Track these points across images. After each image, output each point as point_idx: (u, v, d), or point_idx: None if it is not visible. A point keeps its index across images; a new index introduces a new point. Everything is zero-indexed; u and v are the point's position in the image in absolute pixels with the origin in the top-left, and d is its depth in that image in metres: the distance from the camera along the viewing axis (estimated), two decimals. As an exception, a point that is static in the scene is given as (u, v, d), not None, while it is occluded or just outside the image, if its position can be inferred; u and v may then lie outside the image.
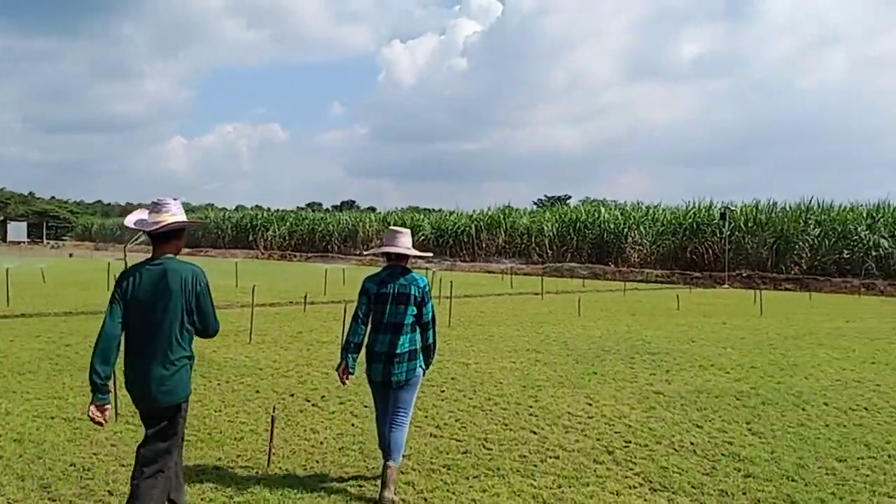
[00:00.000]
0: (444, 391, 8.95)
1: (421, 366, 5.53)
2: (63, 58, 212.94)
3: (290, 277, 32.38)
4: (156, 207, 4.40)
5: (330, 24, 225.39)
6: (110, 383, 4.37)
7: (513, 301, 22.92)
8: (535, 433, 7.08)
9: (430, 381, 9.39)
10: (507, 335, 14.19)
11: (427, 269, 36.62)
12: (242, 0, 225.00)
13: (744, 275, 36.06)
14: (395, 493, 5.21)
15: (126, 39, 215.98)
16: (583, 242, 45.72)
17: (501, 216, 51.45)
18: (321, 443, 6.70)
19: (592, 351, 12.36)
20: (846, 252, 36.08)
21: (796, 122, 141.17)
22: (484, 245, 50.63)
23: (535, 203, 78.90)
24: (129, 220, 4.55)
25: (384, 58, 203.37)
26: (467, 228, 51.99)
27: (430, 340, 5.56)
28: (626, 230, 43.83)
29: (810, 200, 39.92)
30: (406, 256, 5.59)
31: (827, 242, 36.57)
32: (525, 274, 39.89)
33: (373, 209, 76.95)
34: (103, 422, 4.31)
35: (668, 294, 27.63)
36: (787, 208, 40.04)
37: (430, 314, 5.51)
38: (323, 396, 8.52)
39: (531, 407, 8.15)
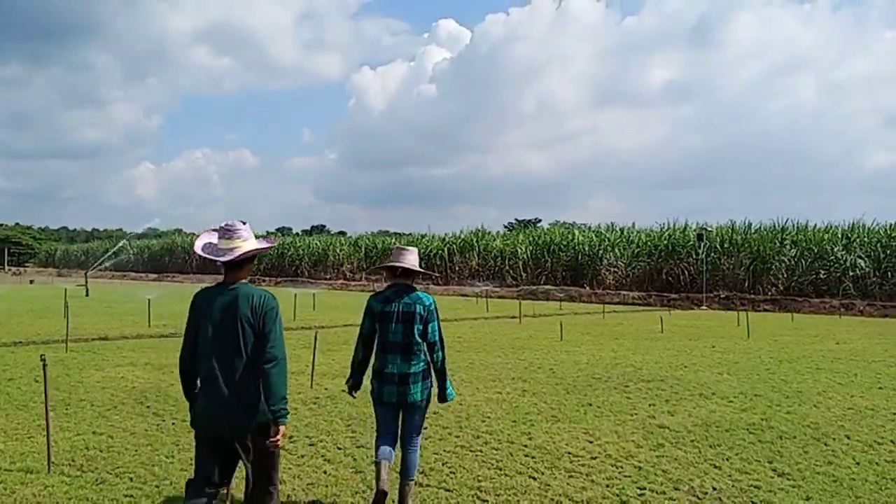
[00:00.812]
0: (426, 428, 8.03)
1: (432, 385, 5.48)
2: (30, 85, 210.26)
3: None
4: (226, 233, 4.34)
5: (300, 52, 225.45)
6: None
7: (490, 325, 22.06)
8: (534, 479, 6.20)
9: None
10: (489, 362, 13.32)
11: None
12: (213, 27, 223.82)
13: (722, 296, 35.52)
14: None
15: (95, 66, 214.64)
16: (557, 265, 45.03)
17: (474, 239, 50.71)
18: (289, 496, 5.76)
19: (582, 379, 11.52)
20: (822, 272, 35.67)
21: (764, 146, 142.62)
22: (457, 268, 49.75)
23: (506, 226, 78.31)
24: (198, 246, 4.45)
25: (354, 84, 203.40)
26: (440, 251, 51.13)
27: (439, 361, 5.45)
28: (600, 252, 43.20)
29: (785, 221, 39.64)
30: (412, 275, 5.51)
31: (803, 263, 36.16)
32: (500, 297, 39.06)
33: (343, 233, 75.84)
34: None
35: (647, 316, 26.96)
36: (763, 229, 39.68)
37: (437, 334, 5.43)
38: (291, 437, 7.57)
39: (526, 446, 7.26)
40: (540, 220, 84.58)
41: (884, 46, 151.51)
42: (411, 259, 5.52)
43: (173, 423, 8.10)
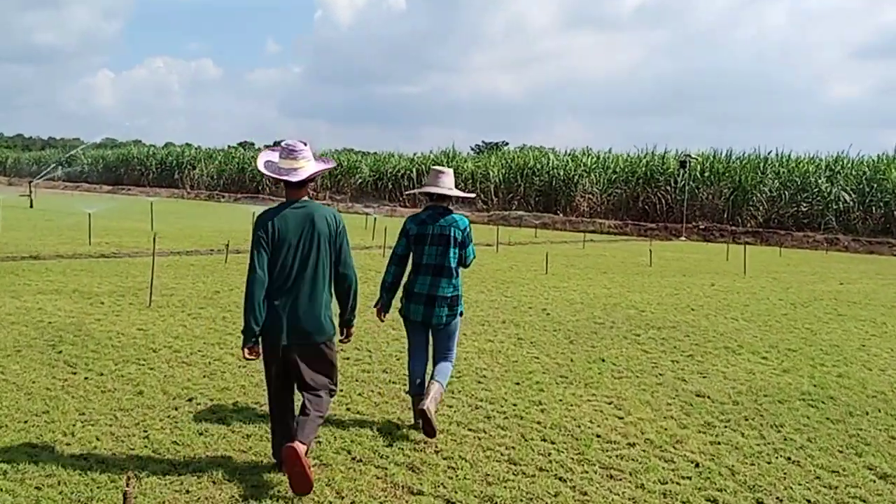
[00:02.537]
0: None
1: (462, 312, 5.50)
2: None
3: (215, 220, 29.21)
4: (289, 154, 4.41)
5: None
6: None
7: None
8: (563, 480, 4.57)
9: (393, 376, 6.85)
10: (472, 299, 11.67)
11: (366, 214, 33.85)
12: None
13: (701, 227, 34.20)
14: (436, 407, 5.22)
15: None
16: (530, 190, 43.25)
17: (444, 160, 48.62)
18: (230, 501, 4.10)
19: (582, 324, 9.94)
20: (805, 205, 34.45)
21: (731, 76, 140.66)
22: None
23: (473, 149, 76.06)
24: (260, 164, 4.49)
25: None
26: (408, 172, 49.10)
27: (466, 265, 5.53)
28: (576, 177, 41.46)
29: (768, 151, 38.20)
30: (448, 197, 5.47)
31: (786, 195, 34.87)
32: (471, 221, 37.21)
33: (307, 150, 72.95)
34: (254, 359, 4.38)
35: (629, 247, 25.51)
36: (744, 158, 38.20)
37: (472, 256, 5.51)
38: (235, 403, 5.88)
39: (540, 424, 5.64)
40: (507, 144, 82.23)
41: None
42: (447, 182, 5.45)
43: (86, 379, 6.35)
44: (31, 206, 32.52)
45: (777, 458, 5.10)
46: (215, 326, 8.71)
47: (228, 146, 76.33)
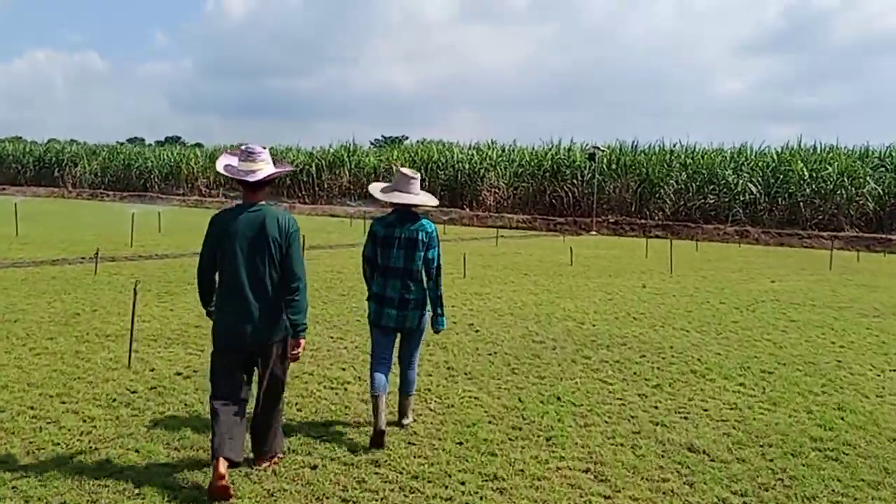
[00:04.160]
0: (329, 428, 4.74)
1: (429, 311, 5.46)
2: None
3: (94, 222, 26.56)
4: (247, 156, 4.51)
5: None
6: None
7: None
8: None
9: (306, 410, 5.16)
10: (386, 313, 10.04)
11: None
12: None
13: (611, 220, 33.41)
14: (413, 418, 5.49)
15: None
16: (435, 184, 41.64)
17: (345, 154, 46.52)
18: None
19: (519, 343, 8.44)
20: (711, 197, 34.10)
21: (623, 69, 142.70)
22: (326, 186, 45.68)
23: (372, 143, 73.94)
24: (219, 165, 4.59)
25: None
26: (307, 167, 46.84)
27: (437, 288, 5.42)
28: (481, 171, 40.21)
29: (674, 143, 37.81)
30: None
31: (693, 187, 34.44)
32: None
33: (200, 146, 69.38)
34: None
35: (544, 243, 24.31)
36: (650, 150, 37.70)
37: (437, 260, 5.42)
38: (72, 490, 4.09)
39: (502, 515, 4.06)
40: (407, 138, 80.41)
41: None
42: (417, 189, 5.43)
43: None
44: None
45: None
46: (62, 367, 6.79)
47: (117, 142, 72.17)
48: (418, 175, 5.56)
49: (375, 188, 5.63)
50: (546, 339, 8.67)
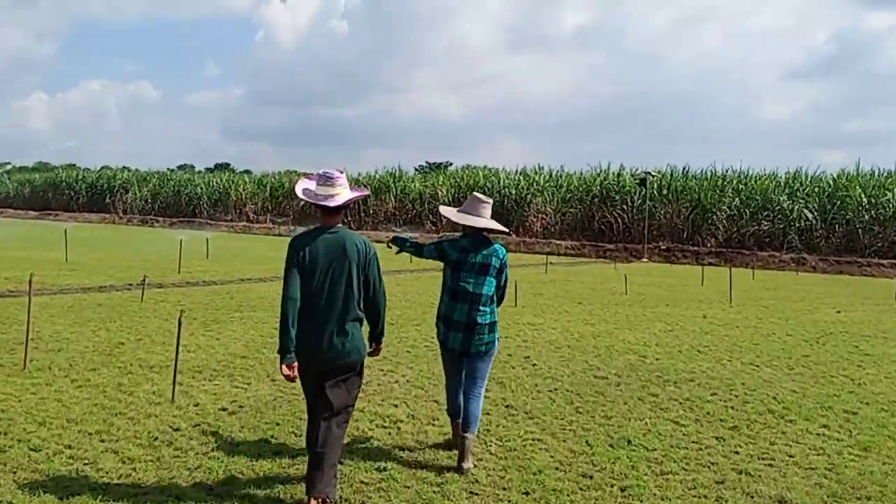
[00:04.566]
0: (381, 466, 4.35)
1: (498, 338, 5.47)
2: None
3: (142, 248, 26.66)
4: (325, 181, 4.54)
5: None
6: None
7: (420, 281, 18.27)
8: None
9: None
10: (434, 343, 9.67)
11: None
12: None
13: (662, 247, 32.69)
14: (473, 463, 5.14)
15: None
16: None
17: (391, 180, 46.47)
18: None
19: (580, 379, 7.98)
20: (766, 223, 33.21)
21: (668, 95, 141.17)
22: (371, 212, 45.62)
23: (417, 169, 73.94)
24: (298, 189, 4.68)
25: (263, 17, 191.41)
26: (353, 193, 46.79)
27: (499, 302, 5.48)
28: (528, 196, 39.76)
29: (726, 168, 37.04)
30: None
31: (747, 213, 33.59)
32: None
33: (248, 172, 69.83)
34: (295, 376, 4.44)
35: (594, 271, 23.78)
36: (703, 176, 36.94)
37: (505, 283, 5.47)
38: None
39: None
40: (451, 164, 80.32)
41: (787, 1, 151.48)
42: (488, 214, 5.44)
43: None
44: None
45: None
46: (103, 401, 6.50)
47: (168, 169, 73.11)
48: (491, 200, 5.54)
49: (448, 211, 5.66)
50: (608, 375, 8.19)
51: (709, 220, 34.33)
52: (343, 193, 4.53)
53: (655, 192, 35.41)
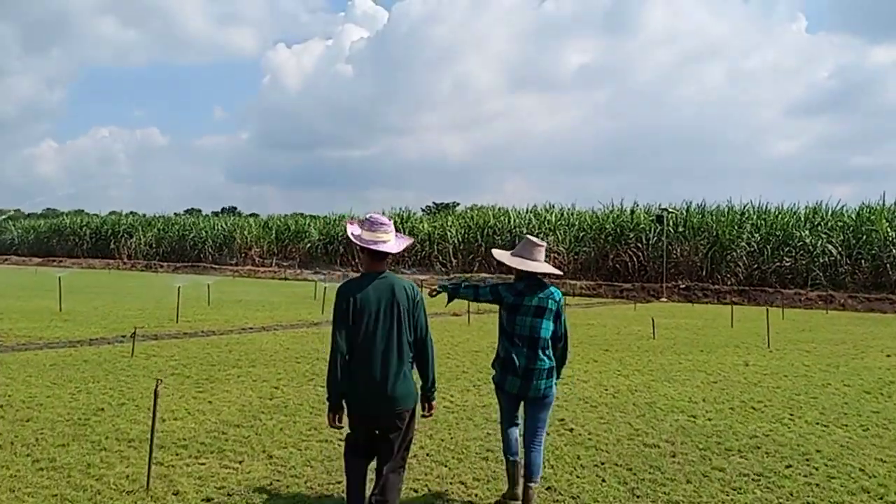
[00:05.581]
0: None
1: (556, 383, 5.35)
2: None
3: (141, 296, 25.64)
4: (373, 227, 4.56)
5: (213, 26, 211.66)
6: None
7: (432, 326, 17.12)
8: None
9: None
10: (456, 402, 8.57)
11: (316, 281, 30.62)
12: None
13: (681, 286, 31.49)
14: None
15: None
16: (491, 249, 40.40)
17: (398, 221, 45.55)
18: None
19: (628, 449, 6.84)
20: (787, 259, 32.04)
21: (672, 133, 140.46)
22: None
23: (424, 210, 73.20)
24: (349, 232, 4.66)
25: (269, 62, 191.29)
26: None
27: (562, 353, 5.39)
28: (540, 236, 38.68)
29: (745, 203, 35.98)
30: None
31: (768, 249, 32.44)
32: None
33: (255, 215, 69.08)
34: (342, 426, 4.47)
35: (615, 312, 22.63)
36: (720, 211, 35.86)
37: (565, 327, 5.39)
38: None
39: None
40: (458, 204, 79.58)
41: (789, 38, 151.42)
42: (541, 258, 5.42)
43: None
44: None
45: None
46: (64, 491, 5.36)
47: (174, 213, 72.39)
48: (544, 243, 5.51)
49: (501, 255, 5.55)
50: (660, 442, 7.05)
51: (728, 256, 33.19)
52: (391, 240, 4.56)
53: (671, 228, 34.33)
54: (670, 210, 33.87)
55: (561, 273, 6.09)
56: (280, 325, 17.23)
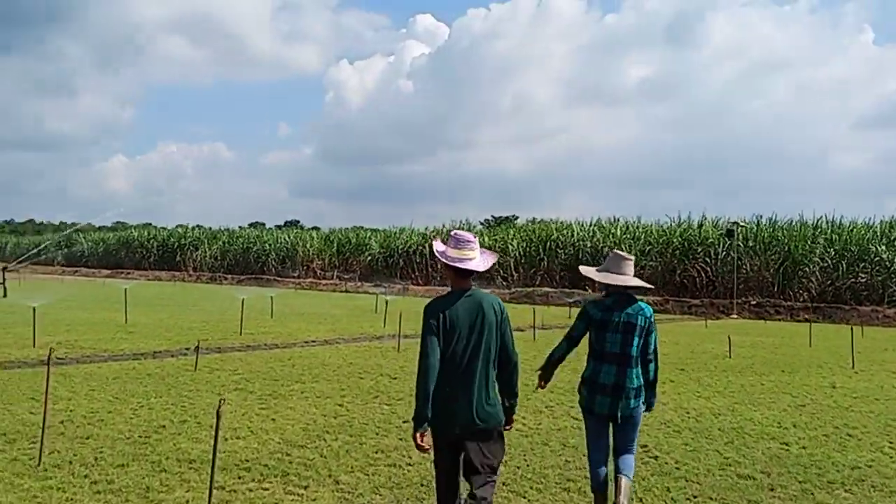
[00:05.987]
0: None
1: (644, 402, 5.15)
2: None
3: (205, 307, 25.73)
4: (458, 244, 4.49)
5: (278, 44, 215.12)
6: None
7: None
8: None
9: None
10: (522, 427, 8.12)
11: (377, 294, 30.45)
12: (186, 17, 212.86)
13: (752, 303, 30.48)
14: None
15: (63, 55, 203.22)
16: (553, 263, 39.78)
17: (459, 233, 45.23)
18: None
19: (718, 477, 6.33)
20: (863, 275, 30.74)
21: (737, 146, 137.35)
22: (439, 267, 44.23)
23: (482, 223, 72.77)
24: (434, 248, 4.63)
25: (332, 78, 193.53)
26: (420, 248, 45.72)
27: (654, 375, 5.20)
28: (604, 249, 37.94)
29: (818, 218, 34.73)
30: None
31: (843, 265, 31.18)
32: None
33: (317, 229, 69.57)
34: (428, 448, 4.31)
35: (686, 330, 21.91)
36: (792, 226, 34.70)
37: (654, 345, 5.15)
38: None
39: None
40: (517, 218, 78.99)
41: (857, 50, 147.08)
42: (630, 271, 5.25)
43: None
44: (5, 296, 29.04)
45: None
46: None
47: (239, 226, 73.37)
48: (633, 257, 5.33)
49: (589, 271, 5.44)
50: (755, 473, 6.51)
51: (800, 272, 32.02)
52: (476, 257, 4.46)
53: (741, 243, 33.30)
54: (741, 224, 32.86)
55: (651, 287, 5.76)
56: (342, 338, 17.00)
